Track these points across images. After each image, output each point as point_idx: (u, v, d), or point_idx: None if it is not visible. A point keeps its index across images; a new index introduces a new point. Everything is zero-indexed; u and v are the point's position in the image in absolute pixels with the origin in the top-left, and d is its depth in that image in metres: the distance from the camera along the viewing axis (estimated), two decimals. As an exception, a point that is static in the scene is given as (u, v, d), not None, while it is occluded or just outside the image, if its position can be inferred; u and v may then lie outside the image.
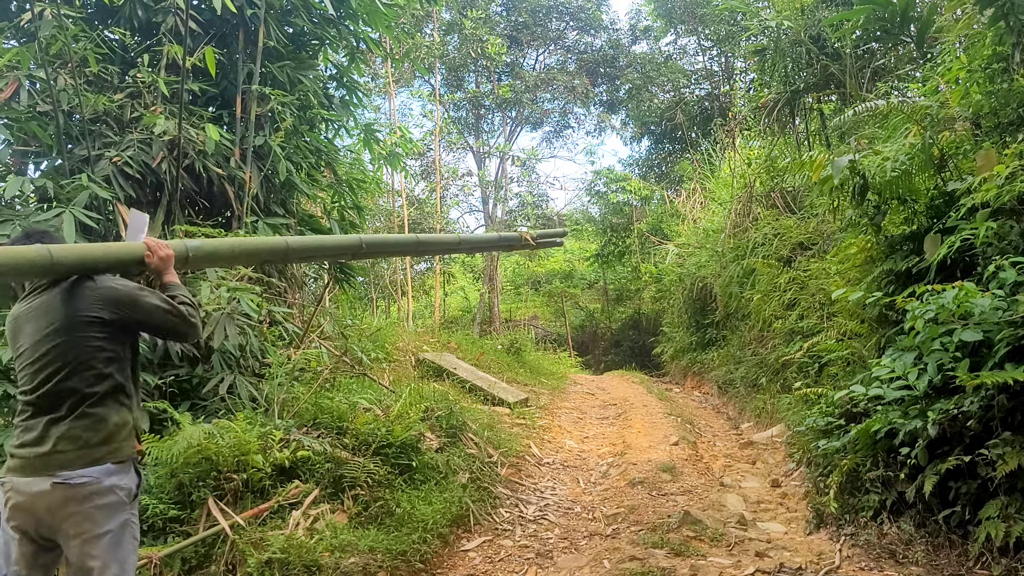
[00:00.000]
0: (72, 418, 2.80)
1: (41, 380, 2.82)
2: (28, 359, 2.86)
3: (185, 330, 3.13)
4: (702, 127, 24.55)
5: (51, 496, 2.72)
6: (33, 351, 2.85)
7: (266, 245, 4.11)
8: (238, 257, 4.02)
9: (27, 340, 2.87)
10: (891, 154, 6.05)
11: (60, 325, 2.83)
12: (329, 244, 4.73)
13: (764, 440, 8.94)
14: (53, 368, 2.82)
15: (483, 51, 25.58)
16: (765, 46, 11.19)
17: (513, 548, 5.70)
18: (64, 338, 2.82)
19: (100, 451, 2.81)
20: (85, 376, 2.84)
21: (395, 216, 23.22)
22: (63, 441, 2.76)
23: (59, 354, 2.82)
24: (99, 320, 2.88)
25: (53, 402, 2.81)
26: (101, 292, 2.91)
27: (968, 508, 4.52)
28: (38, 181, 5.87)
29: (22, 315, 2.93)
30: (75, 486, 2.73)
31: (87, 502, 2.75)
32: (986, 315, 4.51)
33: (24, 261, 2.75)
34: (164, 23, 7.01)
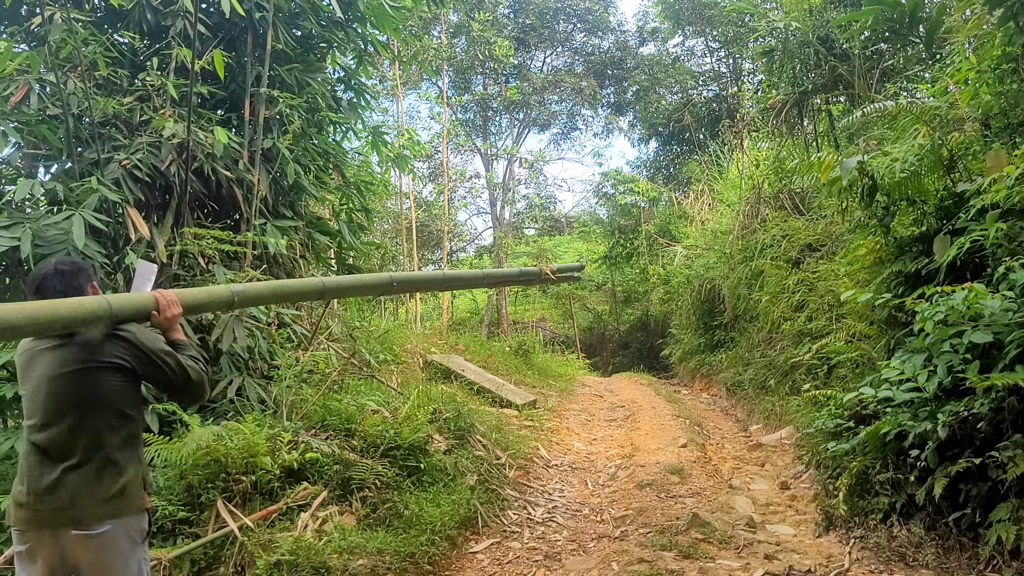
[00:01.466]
0: (88, 466, 2.72)
1: (54, 423, 2.73)
2: (39, 398, 2.76)
3: (193, 393, 3.06)
4: (710, 128, 24.52)
5: (72, 546, 2.70)
6: (48, 391, 2.75)
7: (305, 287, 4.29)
8: (279, 298, 4.14)
9: (41, 379, 2.77)
10: (900, 155, 6.02)
11: (79, 367, 2.74)
12: (362, 283, 4.91)
13: (773, 442, 8.91)
14: (64, 408, 2.73)
15: (491, 53, 25.61)
16: (773, 47, 11.17)
17: (521, 550, 5.70)
18: (79, 378, 2.74)
19: (117, 504, 2.76)
20: (101, 422, 2.77)
21: (403, 218, 23.25)
22: (81, 494, 2.69)
23: (71, 394, 2.73)
24: (118, 366, 2.80)
25: (67, 446, 2.73)
26: (125, 338, 2.84)
27: (978, 511, 4.49)
28: (48, 184, 5.89)
29: (37, 348, 2.82)
30: (94, 537, 2.70)
31: (105, 552, 2.73)
32: (996, 317, 4.48)
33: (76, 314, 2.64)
34: (173, 26, 7.04)
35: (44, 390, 2.75)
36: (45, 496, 2.69)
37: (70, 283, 2.85)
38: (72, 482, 2.69)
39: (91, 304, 2.71)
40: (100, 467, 2.74)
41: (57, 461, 2.72)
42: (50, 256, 5.35)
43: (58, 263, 2.90)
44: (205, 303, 3.50)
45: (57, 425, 2.73)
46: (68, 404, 2.73)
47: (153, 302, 2.97)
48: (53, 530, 2.69)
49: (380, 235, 22.24)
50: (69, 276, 2.86)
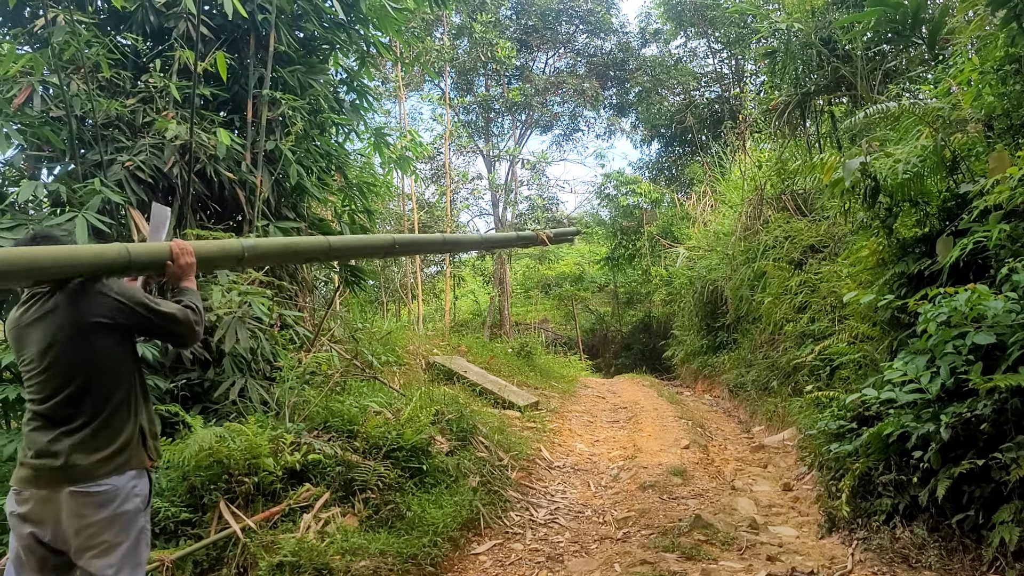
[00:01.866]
0: (86, 427, 2.75)
1: (51, 389, 2.77)
2: (36, 367, 2.79)
3: (187, 338, 3.09)
4: (712, 130, 24.51)
5: (68, 506, 2.68)
6: (41, 359, 2.77)
7: (312, 244, 4.28)
8: (287, 256, 4.20)
9: (34, 348, 2.79)
10: (903, 156, 6.02)
11: (68, 331, 2.75)
12: (365, 243, 4.92)
13: (775, 444, 8.90)
14: (63, 376, 2.76)
15: (493, 55, 25.61)
16: (775, 48, 11.16)
17: (524, 552, 5.70)
18: (72, 344, 2.76)
19: (116, 461, 2.77)
20: (95, 383, 2.79)
21: (405, 219, 23.26)
22: (78, 452, 2.71)
23: (68, 362, 2.76)
24: (106, 325, 2.81)
25: (64, 411, 2.76)
26: (108, 296, 2.84)
27: (981, 512, 4.49)
28: (51, 185, 5.91)
29: (25, 321, 2.84)
30: (94, 495, 2.71)
31: (104, 510, 2.71)
32: (999, 318, 4.48)
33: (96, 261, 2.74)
34: (176, 28, 7.05)
35: (38, 360, 2.78)
36: (43, 454, 2.71)
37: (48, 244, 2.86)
38: (71, 443, 2.71)
39: (111, 251, 2.82)
40: (98, 427, 2.76)
41: (57, 426, 2.75)
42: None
43: (35, 232, 2.94)
44: (216, 256, 3.54)
45: (54, 391, 2.76)
46: (63, 370, 2.76)
47: (168, 252, 3.05)
48: (51, 490, 2.69)
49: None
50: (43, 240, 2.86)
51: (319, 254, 4.30)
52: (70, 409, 2.76)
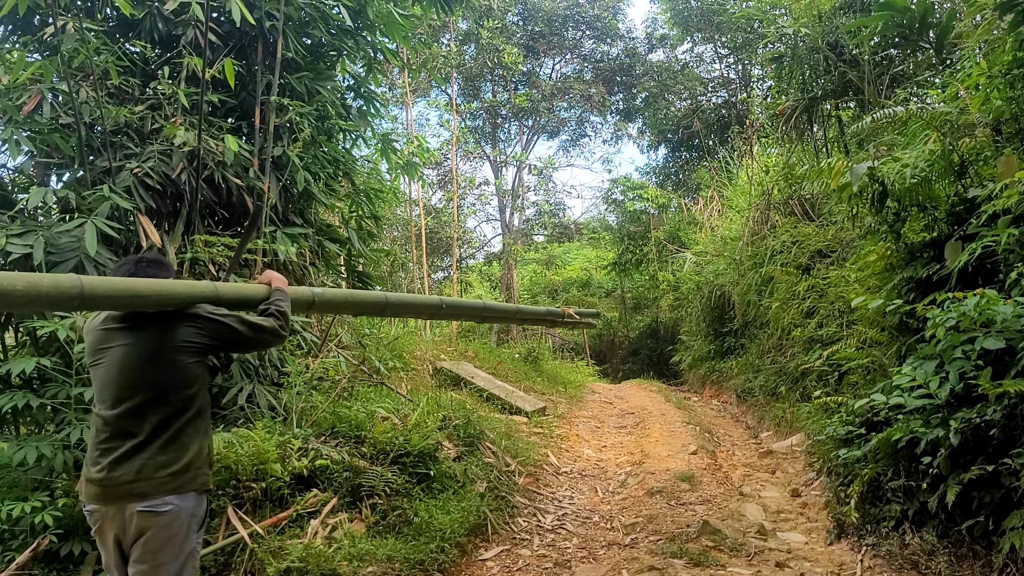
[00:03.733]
0: (155, 443, 2.79)
1: (125, 401, 2.81)
2: (111, 376, 2.83)
3: (274, 344, 3.28)
4: (719, 135, 24.52)
5: (133, 520, 2.75)
6: (120, 370, 2.82)
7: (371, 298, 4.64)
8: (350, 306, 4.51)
9: (116, 360, 2.83)
10: (911, 161, 6.00)
11: (155, 348, 2.83)
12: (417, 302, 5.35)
13: (784, 449, 8.87)
14: (141, 390, 2.81)
15: (500, 60, 25.66)
16: (782, 53, 11.17)
17: (531, 558, 5.69)
18: (157, 361, 2.83)
19: (181, 479, 2.82)
20: (172, 400, 2.85)
21: (412, 225, 23.29)
22: (147, 468, 2.76)
23: (149, 377, 2.81)
24: (194, 345, 2.90)
25: (136, 425, 2.80)
26: (204, 318, 2.94)
27: (991, 518, 4.46)
28: (60, 192, 5.93)
29: (111, 332, 2.89)
30: (159, 514, 2.76)
31: (165, 530, 2.77)
32: (1008, 323, 4.46)
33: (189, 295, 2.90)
34: (184, 36, 7.08)
35: (118, 370, 2.82)
36: (113, 470, 2.75)
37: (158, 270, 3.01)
38: (140, 457, 2.76)
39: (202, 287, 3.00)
40: (167, 443, 2.81)
41: (127, 438, 2.78)
42: (62, 264, 5.39)
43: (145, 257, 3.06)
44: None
45: (128, 404, 2.80)
46: (142, 385, 2.81)
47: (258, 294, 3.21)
48: (119, 504, 2.76)
49: (389, 242, 22.29)
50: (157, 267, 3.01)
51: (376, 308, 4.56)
52: (142, 423, 2.80)
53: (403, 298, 5.11)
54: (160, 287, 2.79)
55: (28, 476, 4.78)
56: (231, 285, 3.17)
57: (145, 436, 2.79)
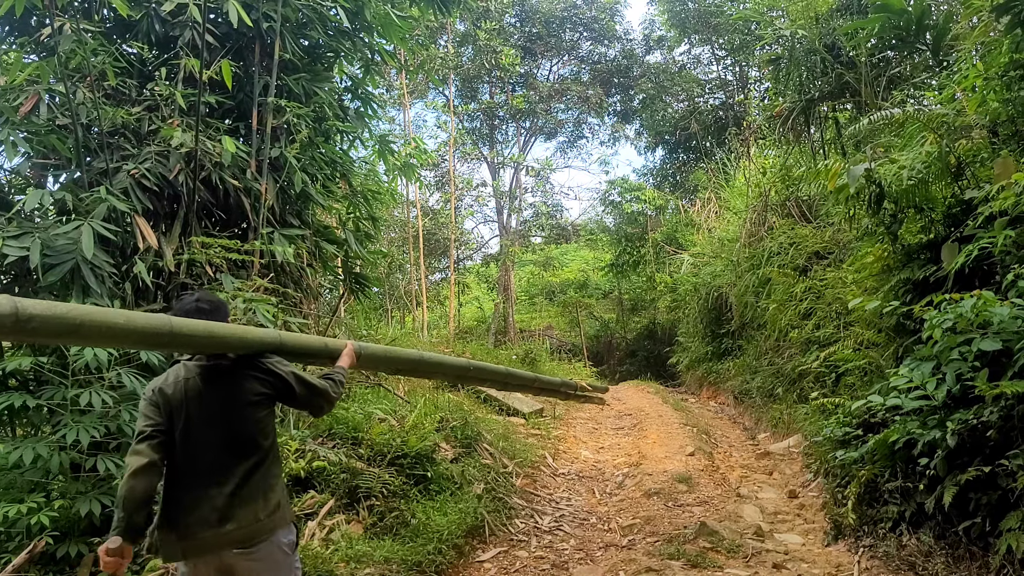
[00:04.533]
0: (247, 491, 2.92)
1: (209, 451, 2.92)
2: (192, 428, 2.93)
3: (325, 411, 3.42)
4: (716, 136, 24.52)
5: (230, 560, 2.87)
6: (201, 421, 2.93)
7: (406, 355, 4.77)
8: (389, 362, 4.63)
9: (193, 408, 2.94)
10: (907, 162, 6.01)
11: (234, 400, 2.98)
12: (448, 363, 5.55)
13: (781, 451, 8.88)
14: (224, 441, 2.94)
15: (497, 62, 25.68)
16: (780, 55, 11.18)
17: (528, 559, 5.68)
18: (237, 413, 2.97)
19: (273, 520, 2.96)
20: (257, 449, 2.99)
21: (410, 227, 23.29)
22: (245, 518, 2.88)
23: (231, 428, 2.95)
24: (268, 397, 3.07)
25: (222, 473, 2.91)
26: (272, 372, 3.08)
27: (988, 519, 4.46)
28: (57, 194, 5.92)
29: (197, 384, 3.00)
30: (253, 553, 2.89)
31: (263, 563, 2.91)
32: (1005, 324, 4.46)
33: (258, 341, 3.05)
34: (181, 37, 7.07)
35: (204, 424, 2.94)
36: (210, 524, 2.85)
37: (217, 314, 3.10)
38: (235, 507, 2.88)
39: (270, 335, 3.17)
40: (257, 490, 2.95)
41: (220, 488, 2.89)
42: (59, 266, 5.37)
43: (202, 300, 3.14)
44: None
45: (217, 455, 2.93)
46: (229, 436, 2.95)
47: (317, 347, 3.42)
48: (217, 554, 2.87)
49: (387, 243, 22.28)
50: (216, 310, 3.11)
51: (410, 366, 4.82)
52: (225, 470, 2.92)
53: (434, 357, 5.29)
54: (235, 332, 2.99)
55: (24, 478, 4.77)
56: (293, 336, 3.30)
57: (238, 485, 2.90)
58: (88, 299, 5.41)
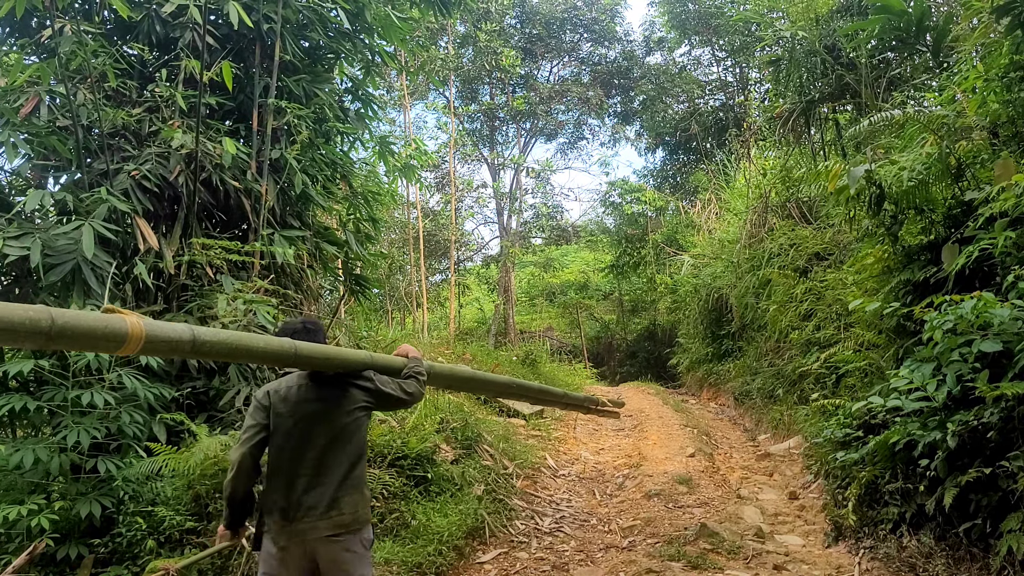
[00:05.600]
0: (342, 486, 3.27)
1: (316, 449, 3.28)
2: (297, 435, 3.29)
3: (412, 405, 3.90)
4: (717, 138, 24.53)
5: (322, 548, 3.19)
6: (309, 430, 3.29)
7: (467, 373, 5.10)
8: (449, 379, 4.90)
9: (304, 420, 3.30)
10: (908, 164, 6.01)
11: (339, 413, 3.34)
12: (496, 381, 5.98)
13: (781, 452, 8.88)
14: (331, 453, 3.29)
15: (497, 63, 25.68)
16: (780, 56, 11.17)
17: (529, 560, 5.68)
18: (340, 424, 3.32)
19: (362, 515, 3.31)
20: (353, 451, 3.35)
21: (410, 228, 23.29)
22: (343, 505, 3.24)
23: (335, 436, 3.30)
24: (366, 407, 3.43)
25: (328, 468, 3.27)
26: (369, 388, 3.43)
27: (989, 521, 4.46)
28: (58, 195, 5.92)
29: (302, 394, 3.36)
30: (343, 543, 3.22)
31: (351, 553, 3.24)
32: (1006, 325, 4.46)
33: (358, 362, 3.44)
34: (182, 38, 7.08)
35: (319, 424, 3.31)
36: (318, 511, 3.21)
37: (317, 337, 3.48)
38: (339, 498, 3.25)
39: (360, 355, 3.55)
40: (356, 485, 3.33)
41: (328, 481, 3.26)
42: (60, 266, 5.38)
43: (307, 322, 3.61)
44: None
45: (328, 451, 3.29)
46: (341, 435, 3.32)
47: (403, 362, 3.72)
48: (312, 537, 3.20)
49: (387, 245, 22.28)
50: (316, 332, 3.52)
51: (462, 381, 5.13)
52: (342, 473, 3.29)
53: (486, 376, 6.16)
54: (341, 354, 3.45)
55: (25, 479, 4.77)
56: (380, 356, 3.69)
57: (336, 481, 3.27)
58: (89, 300, 5.41)
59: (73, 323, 2.15)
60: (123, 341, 2.30)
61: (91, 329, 2.22)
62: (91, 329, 2.22)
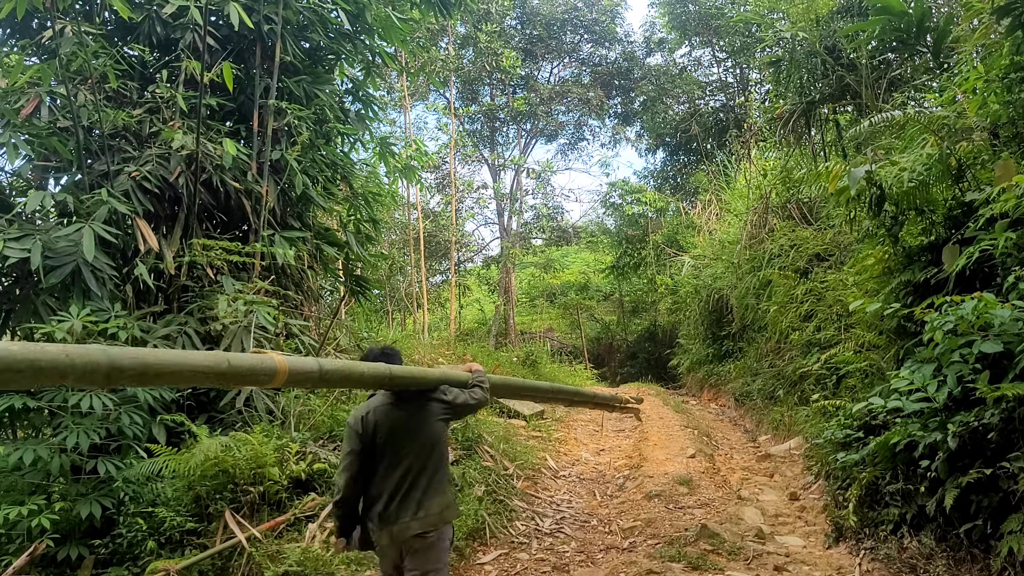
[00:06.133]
0: (433, 488, 3.72)
1: (405, 468, 3.68)
2: (391, 450, 3.71)
3: (481, 408, 4.34)
4: (717, 138, 24.55)
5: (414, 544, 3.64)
6: (399, 444, 3.71)
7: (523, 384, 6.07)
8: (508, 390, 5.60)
9: (394, 435, 3.72)
10: (908, 164, 6.01)
11: (423, 426, 3.76)
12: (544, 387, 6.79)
13: (782, 453, 8.87)
14: (417, 461, 3.70)
15: (498, 64, 25.70)
16: (780, 57, 11.17)
17: (529, 562, 5.68)
18: (424, 435, 3.75)
19: (446, 515, 3.74)
20: (436, 461, 3.77)
21: (410, 229, 23.30)
22: (430, 507, 3.67)
23: (420, 447, 3.72)
24: (444, 416, 3.86)
25: (418, 475, 3.69)
26: (445, 399, 3.87)
27: (990, 522, 4.46)
28: (58, 196, 5.93)
29: (390, 414, 3.76)
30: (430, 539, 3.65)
31: (435, 548, 3.69)
32: (1006, 326, 4.46)
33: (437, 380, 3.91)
34: (182, 39, 7.08)
35: (407, 437, 3.73)
36: (411, 513, 3.64)
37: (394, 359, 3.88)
38: (427, 500, 3.68)
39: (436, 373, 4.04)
40: (436, 491, 3.74)
41: (414, 485, 3.69)
42: (60, 267, 5.38)
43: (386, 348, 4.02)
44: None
45: (415, 460, 3.70)
46: (425, 445, 3.74)
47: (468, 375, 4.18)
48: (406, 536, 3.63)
49: (388, 246, 22.28)
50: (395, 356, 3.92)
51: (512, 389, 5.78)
52: (428, 478, 3.72)
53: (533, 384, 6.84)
54: (424, 373, 3.94)
55: (25, 480, 4.77)
56: (451, 371, 4.19)
57: (428, 484, 3.71)
58: (89, 302, 5.42)
59: (239, 364, 2.63)
60: (273, 375, 2.78)
61: (252, 368, 2.70)
62: (252, 368, 2.70)
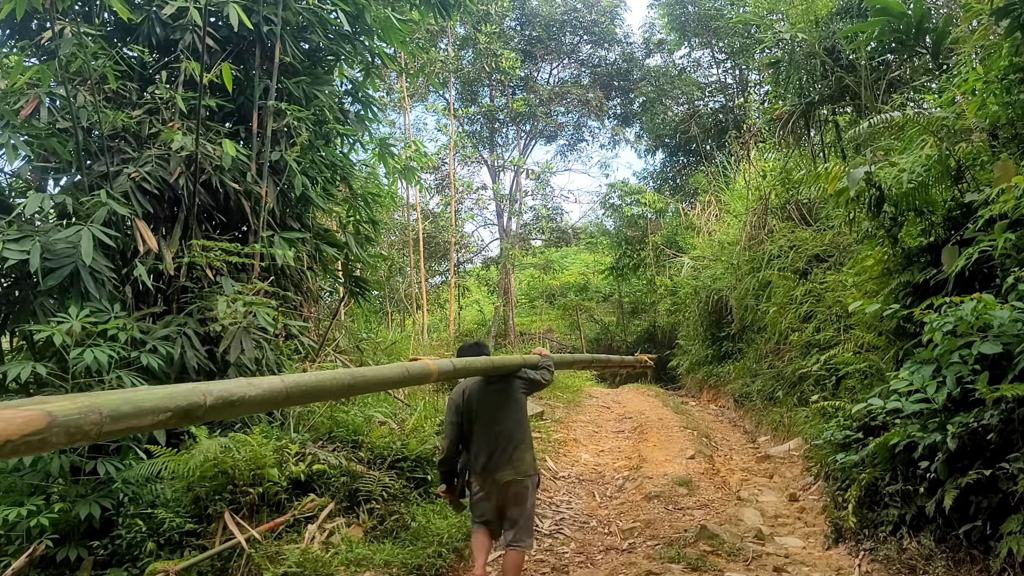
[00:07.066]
0: (522, 445, 4.73)
1: (498, 431, 4.69)
2: (486, 418, 4.73)
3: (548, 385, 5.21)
4: (717, 139, 24.54)
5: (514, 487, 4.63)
6: (493, 413, 4.73)
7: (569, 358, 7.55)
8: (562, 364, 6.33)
9: (494, 402, 4.76)
10: (907, 165, 6.01)
11: (509, 399, 4.79)
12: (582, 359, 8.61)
13: (781, 454, 8.87)
14: (511, 421, 4.74)
15: (497, 65, 25.70)
16: (779, 58, 11.18)
17: (528, 563, 5.67)
18: (512, 408, 4.79)
19: (532, 466, 4.77)
20: (520, 423, 4.80)
21: (410, 230, 23.30)
22: (518, 460, 4.66)
23: (510, 418, 4.75)
24: (524, 390, 4.90)
25: (513, 436, 4.70)
26: (525, 379, 4.87)
27: (989, 523, 4.46)
28: (58, 197, 5.92)
29: (484, 391, 4.80)
30: (523, 481, 4.66)
31: (527, 489, 4.70)
32: (1005, 327, 4.46)
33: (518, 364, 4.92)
34: (182, 40, 7.08)
35: (498, 408, 4.75)
36: (503, 463, 4.64)
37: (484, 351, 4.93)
38: (517, 454, 4.68)
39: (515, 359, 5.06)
40: (526, 445, 4.78)
41: (507, 444, 4.67)
42: (59, 269, 5.38)
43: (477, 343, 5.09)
44: None
45: (506, 425, 4.72)
46: (512, 413, 4.78)
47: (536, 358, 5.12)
48: (506, 481, 4.61)
49: (387, 247, 22.27)
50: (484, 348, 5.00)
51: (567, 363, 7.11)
52: (516, 438, 4.72)
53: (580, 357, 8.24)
54: (508, 360, 5.04)
55: (24, 480, 4.77)
56: (527, 356, 5.12)
57: (517, 442, 4.71)
58: (88, 303, 5.41)
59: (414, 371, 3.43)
60: (429, 376, 3.63)
61: (420, 372, 3.51)
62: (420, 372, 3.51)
